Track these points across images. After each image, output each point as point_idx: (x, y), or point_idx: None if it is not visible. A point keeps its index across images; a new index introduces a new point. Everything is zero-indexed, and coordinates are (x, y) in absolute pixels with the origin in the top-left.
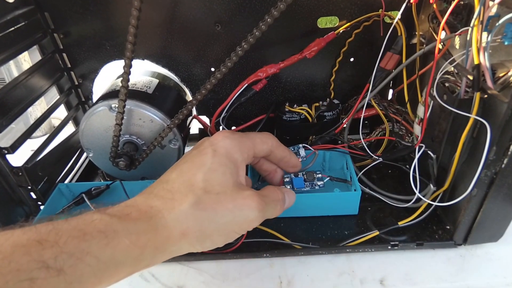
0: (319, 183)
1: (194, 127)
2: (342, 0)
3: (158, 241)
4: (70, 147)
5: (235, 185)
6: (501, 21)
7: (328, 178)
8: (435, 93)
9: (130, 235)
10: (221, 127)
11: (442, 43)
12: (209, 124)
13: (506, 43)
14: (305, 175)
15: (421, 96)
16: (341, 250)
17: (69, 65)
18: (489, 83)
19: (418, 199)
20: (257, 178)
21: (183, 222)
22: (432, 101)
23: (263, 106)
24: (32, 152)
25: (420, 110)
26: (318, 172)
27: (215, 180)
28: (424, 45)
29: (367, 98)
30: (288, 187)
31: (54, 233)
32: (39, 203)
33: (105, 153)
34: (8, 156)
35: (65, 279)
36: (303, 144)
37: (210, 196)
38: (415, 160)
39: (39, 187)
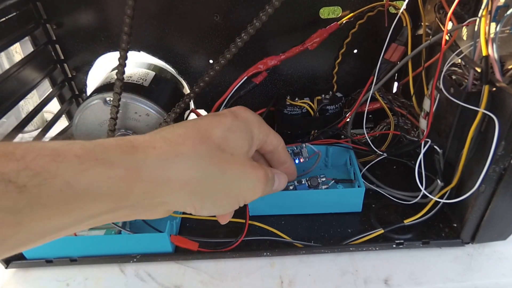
0: (323, 187)
1: None
2: None
3: (151, 183)
4: None
5: (247, 154)
6: (510, 11)
7: (333, 181)
8: (441, 86)
9: (115, 167)
10: None
11: (449, 34)
12: None
13: None
14: (309, 181)
15: (427, 89)
16: (344, 248)
17: (62, 57)
18: (498, 75)
19: (424, 196)
20: None
21: (188, 172)
22: (438, 94)
23: (264, 100)
24: None
25: (426, 103)
26: (322, 176)
27: (232, 141)
28: (430, 36)
29: (371, 91)
30: None
31: (23, 148)
32: None
33: None
34: None
35: (28, 198)
36: (307, 144)
37: (224, 155)
38: (421, 156)
39: None
